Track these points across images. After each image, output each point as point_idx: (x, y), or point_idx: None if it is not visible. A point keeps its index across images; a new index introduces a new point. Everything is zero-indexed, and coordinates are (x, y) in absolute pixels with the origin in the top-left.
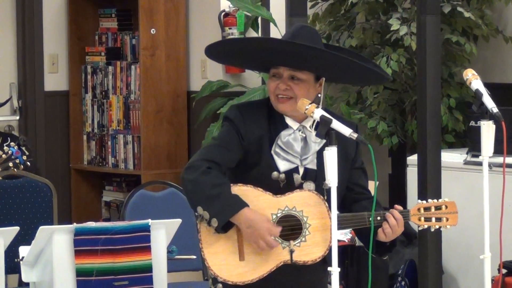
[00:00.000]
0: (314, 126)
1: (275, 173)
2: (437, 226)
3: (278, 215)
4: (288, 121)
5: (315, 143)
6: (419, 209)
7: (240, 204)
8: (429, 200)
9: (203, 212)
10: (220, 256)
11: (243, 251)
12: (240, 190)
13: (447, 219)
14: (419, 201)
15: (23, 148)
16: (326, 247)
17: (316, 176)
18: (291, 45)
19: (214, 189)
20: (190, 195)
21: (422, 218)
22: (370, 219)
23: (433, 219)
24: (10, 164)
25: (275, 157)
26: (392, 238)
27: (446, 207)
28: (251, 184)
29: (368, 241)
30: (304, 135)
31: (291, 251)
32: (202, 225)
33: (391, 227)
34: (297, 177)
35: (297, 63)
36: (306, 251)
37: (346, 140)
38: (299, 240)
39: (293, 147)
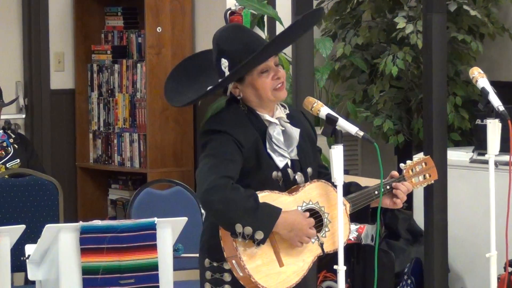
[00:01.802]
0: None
1: (274, 172)
2: (425, 184)
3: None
4: (266, 117)
5: (296, 133)
6: (408, 171)
7: (276, 210)
8: (408, 162)
9: (243, 229)
10: (262, 268)
11: (281, 257)
12: (259, 197)
13: (429, 175)
14: (402, 164)
15: (9, 132)
16: (348, 230)
17: (300, 165)
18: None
19: (248, 203)
20: (223, 215)
21: (413, 180)
22: (376, 192)
23: (420, 178)
24: None
25: (272, 155)
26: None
27: (426, 163)
28: (253, 188)
29: (364, 215)
30: (283, 128)
31: (321, 244)
32: (239, 242)
33: (404, 192)
34: (290, 172)
35: (280, 49)
36: (333, 239)
37: (305, 124)
38: (324, 231)
39: (280, 141)
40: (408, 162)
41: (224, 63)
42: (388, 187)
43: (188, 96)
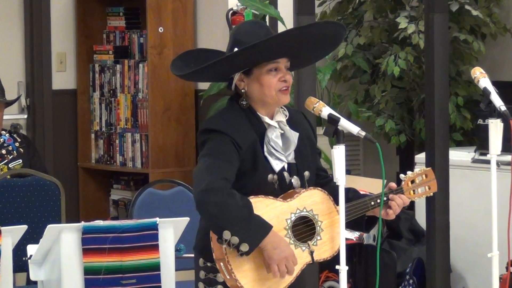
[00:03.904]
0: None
1: (270, 175)
2: (423, 196)
3: (292, 219)
4: (266, 120)
5: (294, 137)
6: (407, 184)
7: (266, 226)
8: (409, 173)
9: (231, 237)
10: (249, 273)
11: None
12: (253, 202)
13: (429, 188)
14: (402, 175)
15: (15, 135)
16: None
17: (297, 169)
18: (301, 30)
19: (241, 212)
20: (214, 219)
21: (412, 192)
22: (372, 203)
23: (419, 190)
24: (3, 151)
25: (269, 158)
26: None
27: (426, 176)
28: (248, 190)
29: (359, 223)
30: (282, 131)
31: (311, 252)
32: (228, 248)
33: (399, 206)
34: (286, 175)
35: (292, 52)
36: (324, 248)
37: (306, 126)
38: (315, 239)
39: (278, 144)
40: (409, 173)
41: None
42: (385, 198)
43: (191, 68)
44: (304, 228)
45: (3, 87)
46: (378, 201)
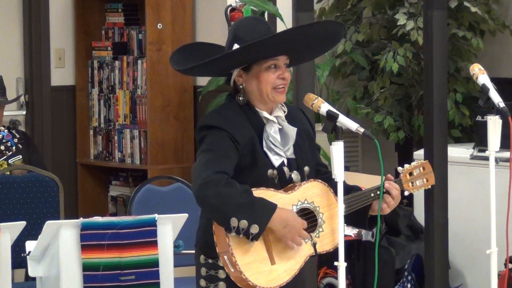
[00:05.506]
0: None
1: (270, 171)
2: (421, 189)
3: (294, 211)
4: (264, 114)
5: (292, 132)
6: (405, 176)
7: (272, 205)
8: (406, 165)
9: (239, 223)
10: (253, 265)
11: (273, 255)
12: (255, 194)
13: (427, 180)
14: (400, 168)
15: (13, 132)
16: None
17: (297, 164)
18: (305, 29)
19: (243, 197)
20: (217, 210)
21: (410, 184)
22: (372, 194)
23: (417, 182)
24: (2, 147)
25: (268, 153)
26: (392, 209)
27: (424, 168)
28: (248, 186)
29: (362, 220)
30: (280, 126)
31: (314, 244)
32: (232, 238)
33: (394, 197)
34: (286, 170)
35: (293, 49)
36: (326, 240)
37: (304, 122)
38: (318, 231)
39: (277, 140)
40: (406, 166)
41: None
42: (384, 190)
43: (190, 63)
44: (307, 220)
45: (4, 87)
46: (378, 192)
